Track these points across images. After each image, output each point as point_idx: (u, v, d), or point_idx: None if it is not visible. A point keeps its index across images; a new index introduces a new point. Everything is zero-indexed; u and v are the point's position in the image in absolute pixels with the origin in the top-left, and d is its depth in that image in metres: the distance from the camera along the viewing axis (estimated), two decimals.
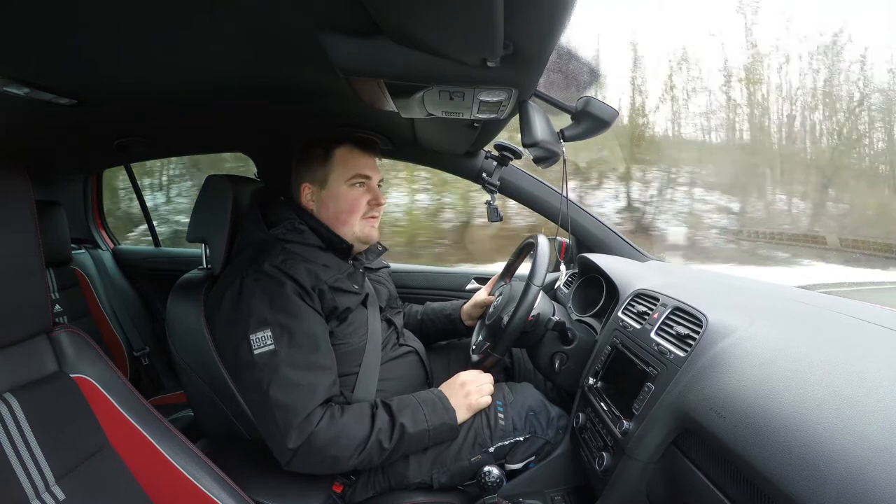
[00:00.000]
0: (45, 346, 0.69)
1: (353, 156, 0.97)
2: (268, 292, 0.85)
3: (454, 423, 0.89)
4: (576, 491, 0.96)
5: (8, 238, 0.62)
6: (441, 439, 0.89)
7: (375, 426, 0.82)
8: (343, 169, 0.97)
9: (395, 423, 0.84)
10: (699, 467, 0.62)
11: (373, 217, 1.01)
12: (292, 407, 0.79)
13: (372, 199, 0.99)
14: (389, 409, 0.86)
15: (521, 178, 1.40)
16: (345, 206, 0.98)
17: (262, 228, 0.96)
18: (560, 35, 0.51)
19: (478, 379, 0.95)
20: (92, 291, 1.67)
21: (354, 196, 0.98)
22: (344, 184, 0.97)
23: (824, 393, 0.50)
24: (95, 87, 0.84)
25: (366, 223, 1.00)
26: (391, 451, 0.83)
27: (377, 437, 0.82)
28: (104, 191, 2.00)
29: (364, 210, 0.99)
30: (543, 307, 1.00)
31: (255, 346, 0.81)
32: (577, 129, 0.84)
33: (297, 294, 0.86)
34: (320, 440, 0.79)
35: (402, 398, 0.89)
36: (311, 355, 0.84)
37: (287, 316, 0.83)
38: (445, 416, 0.88)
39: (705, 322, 0.73)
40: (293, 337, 0.83)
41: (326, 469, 0.83)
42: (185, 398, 1.04)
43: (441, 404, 0.89)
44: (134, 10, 0.54)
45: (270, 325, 0.82)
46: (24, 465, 0.58)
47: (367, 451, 0.81)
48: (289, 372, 0.80)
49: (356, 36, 0.55)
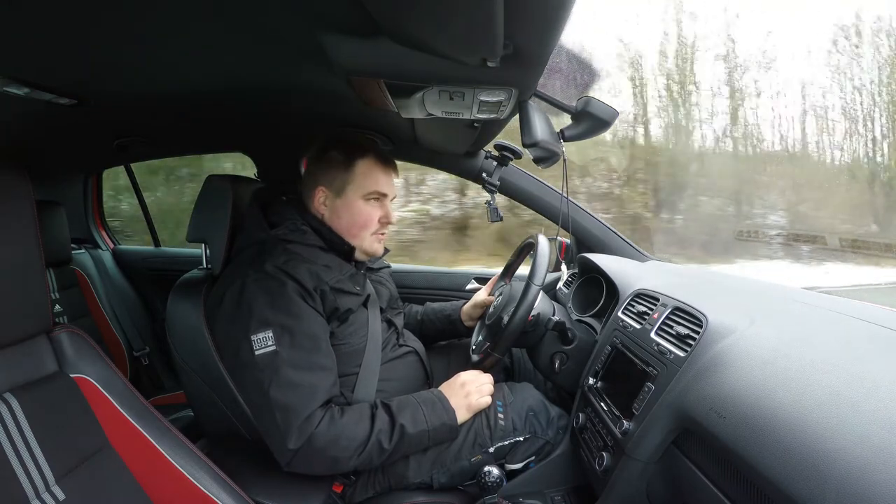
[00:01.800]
0: (45, 346, 0.68)
1: (374, 171, 0.96)
2: (269, 293, 0.84)
3: (454, 424, 0.89)
4: (576, 491, 0.96)
5: (8, 238, 0.62)
6: (441, 440, 0.89)
7: (375, 427, 0.82)
8: (363, 182, 0.96)
9: (395, 424, 0.84)
10: (699, 467, 0.62)
11: (382, 234, 1.01)
12: (293, 408, 0.79)
13: (383, 217, 0.99)
14: (389, 409, 0.86)
15: (521, 178, 1.40)
16: (359, 220, 0.97)
17: (264, 228, 0.95)
18: (560, 35, 0.51)
19: (477, 379, 0.95)
20: (92, 291, 1.67)
21: (369, 212, 0.97)
22: (361, 198, 0.96)
23: (824, 393, 0.50)
24: (95, 87, 0.84)
25: (374, 239, 1.00)
26: (391, 451, 0.83)
27: (377, 438, 0.82)
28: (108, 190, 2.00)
29: (375, 227, 0.99)
30: (543, 307, 1.00)
31: (256, 346, 0.81)
32: (577, 129, 0.84)
33: (299, 294, 0.85)
34: (320, 441, 0.79)
35: (402, 398, 0.89)
36: (313, 356, 0.84)
37: (288, 316, 0.83)
38: (445, 417, 0.88)
39: (705, 322, 0.73)
40: (294, 337, 0.82)
41: (327, 470, 0.83)
42: (185, 398, 1.04)
43: (441, 405, 0.89)
44: (134, 11, 0.54)
45: (272, 325, 0.82)
46: (24, 465, 0.58)
47: (367, 452, 0.81)
48: (290, 373, 0.80)
49: (356, 36, 0.55)
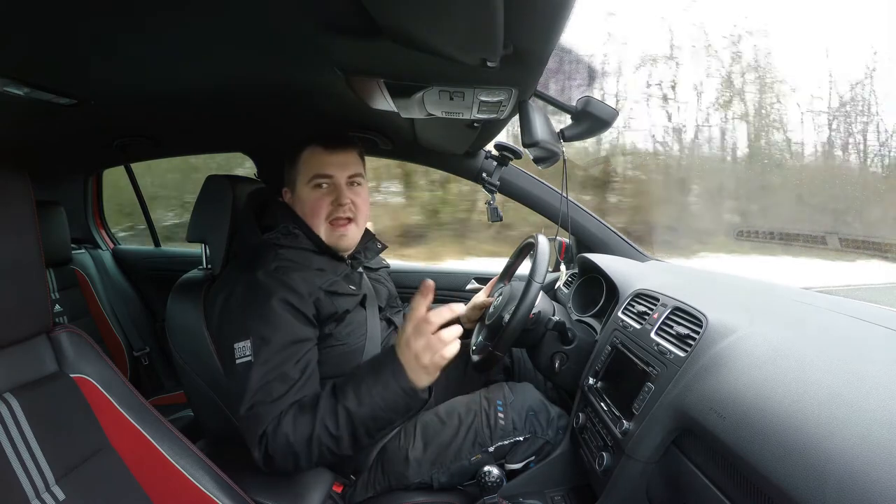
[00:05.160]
0: (45, 346, 0.69)
1: (314, 155, 0.94)
2: (254, 302, 0.83)
3: (411, 386, 0.75)
4: (576, 491, 0.96)
5: (8, 238, 0.62)
6: (408, 408, 0.77)
7: (318, 415, 0.75)
8: (305, 170, 0.94)
9: (336, 406, 0.76)
10: (699, 467, 0.62)
11: (338, 220, 0.94)
12: (256, 418, 0.77)
13: (334, 200, 0.94)
14: (334, 392, 0.78)
15: (521, 178, 1.40)
16: (307, 209, 0.94)
17: (256, 233, 0.94)
18: (560, 35, 0.51)
19: (421, 329, 0.74)
20: (92, 291, 1.67)
21: (315, 198, 0.94)
22: (306, 185, 0.94)
23: (824, 393, 0.50)
24: (95, 87, 0.84)
25: (332, 230, 0.94)
26: (350, 436, 0.75)
27: (323, 425, 0.75)
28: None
29: (327, 211, 0.93)
30: (544, 306, 1.00)
31: (237, 354, 0.80)
32: (577, 129, 0.84)
33: (286, 302, 0.83)
34: (275, 447, 0.75)
35: (348, 376, 0.80)
36: (284, 367, 0.80)
37: (266, 326, 0.81)
38: (396, 384, 0.74)
39: (705, 322, 0.73)
40: (270, 348, 0.80)
41: (298, 470, 0.79)
42: (185, 398, 1.05)
43: (389, 370, 0.75)
44: (134, 11, 0.54)
45: (251, 335, 0.81)
46: (24, 465, 0.58)
47: (320, 445, 0.75)
48: (258, 385, 0.78)
49: (356, 36, 0.55)
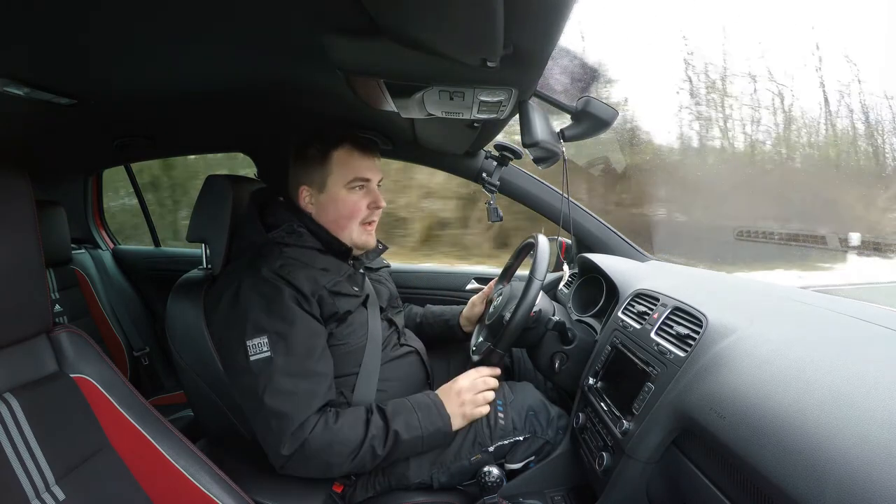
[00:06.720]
0: (45, 346, 0.69)
1: (351, 158, 0.96)
2: (265, 298, 0.84)
3: (448, 430, 0.88)
4: (576, 491, 0.96)
5: (8, 238, 0.62)
6: (435, 445, 0.89)
7: (369, 433, 0.82)
8: (342, 172, 0.95)
9: (388, 430, 0.83)
10: (699, 467, 0.62)
11: (370, 223, 1.00)
12: (287, 415, 0.78)
13: (371, 203, 0.98)
14: (384, 414, 0.85)
15: (521, 178, 1.40)
16: (344, 210, 0.97)
17: (260, 231, 0.95)
18: (560, 35, 0.51)
19: (475, 386, 0.92)
20: (92, 291, 1.67)
21: (354, 200, 0.97)
22: (343, 188, 0.96)
23: (824, 393, 0.50)
24: (95, 87, 0.84)
25: (363, 230, 0.99)
26: (384, 456, 0.83)
27: (371, 444, 0.81)
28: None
29: (364, 215, 0.98)
30: (544, 305, 1.00)
31: (251, 352, 0.81)
32: (577, 129, 0.84)
33: (295, 300, 0.85)
34: (314, 446, 0.78)
35: (397, 402, 0.88)
36: (307, 362, 0.83)
37: (284, 323, 0.83)
38: (440, 423, 0.87)
39: (705, 322, 0.73)
40: (289, 344, 0.82)
41: (321, 473, 0.83)
42: (185, 398, 1.04)
43: (436, 410, 0.88)
44: (134, 11, 0.54)
45: (267, 331, 0.82)
46: (24, 465, 0.58)
47: (360, 458, 0.81)
48: (284, 380, 0.80)
49: (356, 36, 0.55)
